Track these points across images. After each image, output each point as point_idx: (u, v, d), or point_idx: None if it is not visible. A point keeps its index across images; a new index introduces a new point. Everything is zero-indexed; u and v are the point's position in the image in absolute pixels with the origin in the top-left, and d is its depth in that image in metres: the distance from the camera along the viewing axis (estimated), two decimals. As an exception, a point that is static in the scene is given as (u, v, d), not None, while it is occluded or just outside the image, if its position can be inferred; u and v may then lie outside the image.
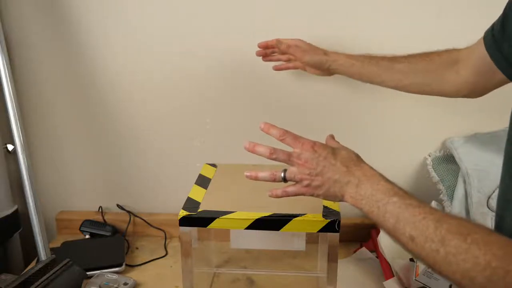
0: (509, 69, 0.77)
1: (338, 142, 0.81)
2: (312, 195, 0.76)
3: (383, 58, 1.02)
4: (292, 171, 0.76)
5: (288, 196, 0.78)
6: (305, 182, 0.75)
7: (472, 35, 0.92)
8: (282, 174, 0.77)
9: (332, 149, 0.76)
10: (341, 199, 0.74)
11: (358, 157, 0.75)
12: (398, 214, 0.65)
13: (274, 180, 0.78)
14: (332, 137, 0.83)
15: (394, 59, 1.01)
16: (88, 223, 1.30)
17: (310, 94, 1.22)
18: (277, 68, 1.16)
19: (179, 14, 1.19)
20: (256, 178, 0.79)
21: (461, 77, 0.92)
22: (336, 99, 1.23)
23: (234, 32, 1.19)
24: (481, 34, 0.86)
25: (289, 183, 0.78)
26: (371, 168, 0.73)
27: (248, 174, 0.80)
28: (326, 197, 0.75)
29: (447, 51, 0.96)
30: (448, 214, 0.63)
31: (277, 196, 0.79)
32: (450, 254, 0.57)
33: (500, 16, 0.78)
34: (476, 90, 0.92)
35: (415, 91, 1.01)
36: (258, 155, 0.78)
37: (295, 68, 1.13)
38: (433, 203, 1.13)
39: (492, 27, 0.81)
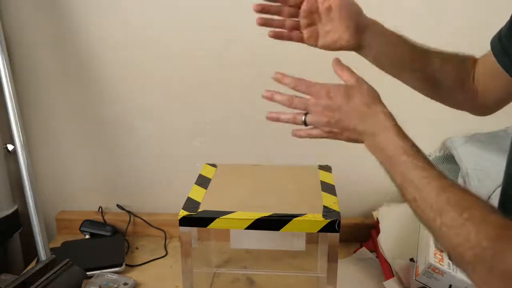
0: None
1: (352, 73, 0.75)
2: (335, 139, 0.75)
3: (417, 45, 0.86)
4: (312, 118, 0.74)
5: (312, 138, 0.77)
6: (326, 129, 0.74)
7: (473, 35, 0.92)
8: (303, 118, 0.75)
9: (347, 94, 0.72)
10: (362, 143, 0.73)
11: (373, 99, 0.72)
12: (404, 173, 0.64)
13: (295, 123, 0.76)
14: (338, 61, 0.77)
15: (429, 50, 0.86)
16: (88, 223, 1.30)
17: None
18: (275, 35, 0.86)
19: (179, 15, 1.19)
20: (278, 120, 0.77)
21: (475, 87, 0.86)
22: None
23: (235, 33, 1.19)
24: (481, 34, 0.85)
25: (310, 126, 0.76)
26: (386, 115, 0.70)
27: (270, 115, 0.78)
28: (348, 141, 0.74)
29: (466, 56, 0.88)
30: (454, 183, 0.61)
31: (300, 137, 0.77)
32: (445, 226, 0.57)
33: (508, 22, 0.77)
34: (488, 102, 0.85)
35: (436, 95, 0.88)
36: (277, 102, 0.76)
37: (301, 40, 0.85)
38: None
39: (499, 32, 0.79)
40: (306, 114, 0.75)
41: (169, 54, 1.21)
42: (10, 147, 1.20)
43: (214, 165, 1.11)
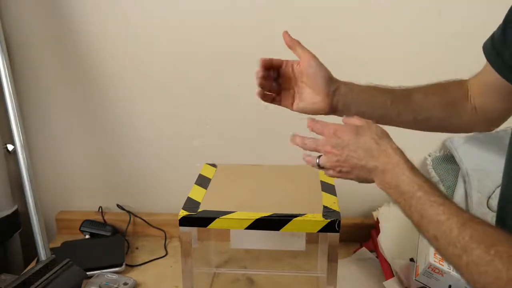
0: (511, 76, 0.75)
1: (360, 118, 0.76)
2: (347, 179, 0.75)
3: (394, 88, 0.88)
4: (323, 159, 0.75)
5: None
6: (337, 169, 0.74)
7: (473, 34, 0.92)
8: (317, 161, 0.76)
9: (356, 131, 0.72)
10: (372, 182, 0.72)
11: (382, 137, 0.71)
12: (422, 211, 0.63)
13: (313, 166, 0.77)
14: (345, 117, 0.79)
15: (408, 89, 0.88)
16: (88, 223, 1.30)
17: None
18: (264, 97, 0.90)
19: (180, 15, 1.19)
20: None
21: (472, 105, 0.85)
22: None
23: (235, 33, 1.19)
24: (482, 33, 0.85)
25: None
26: (395, 151, 0.69)
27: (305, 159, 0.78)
28: (359, 181, 0.74)
29: (455, 81, 0.88)
30: (474, 217, 0.60)
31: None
32: (472, 263, 0.56)
33: (500, 25, 0.77)
34: (490, 116, 0.84)
35: (434, 127, 0.89)
36: (295, 145, 0.77)
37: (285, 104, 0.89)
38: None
39: (492, 36, 0.79)
40: (319, 157, 0.75)
41: (169, 54, 1.21)
42: (10, 147, 1.20)
43: (214, 165, 1.11)
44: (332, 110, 0.85)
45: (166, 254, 1.24)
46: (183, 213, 0.89)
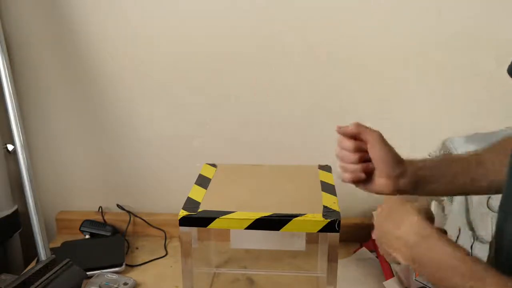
0: None
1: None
2: (391, 259, 0.72)
3: (462, 156, 0.84)
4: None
5: None
6: (379, 242, 0.74)
7: (473, 34, 0.92)
8: None
9: (399, 203, 0.72)
10: (401, 260, 0.69)
11: (420, 211, 0.69)
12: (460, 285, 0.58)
13: None
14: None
15: (477, 153, 0.82)
16: (88, 223, 1.30)
17: (311, 96, 1.22)
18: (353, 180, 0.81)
19: (180, 15, 1.19)
20: None
21: None
22: (337, 100, 1.23)
23: (234, 34, 1.19)
24: (482, 33, 0.85)
25: None
26: (428, 224, 0.66)
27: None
28: (390, 258, 0.72)
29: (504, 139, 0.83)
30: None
31: None
32: None
33: None
34: None
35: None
36: None
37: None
38: (433, 203, 1.13)
39: None
40: None
41: (169, 54, 1.21)
42: (10, 147, 1.20)
43: (214, 165, 1.11)
44: (399, 192, 0.79)
45: (166, 254, 1.24)
46: (183, 213, 0.89)
